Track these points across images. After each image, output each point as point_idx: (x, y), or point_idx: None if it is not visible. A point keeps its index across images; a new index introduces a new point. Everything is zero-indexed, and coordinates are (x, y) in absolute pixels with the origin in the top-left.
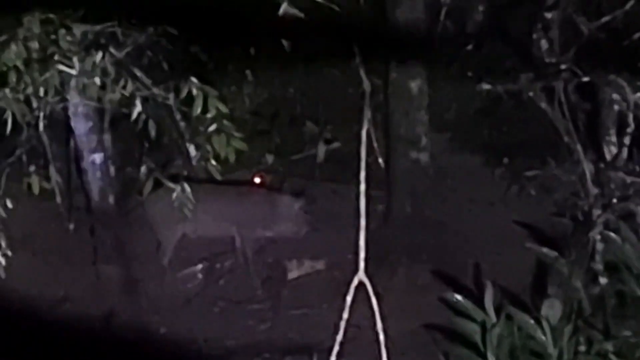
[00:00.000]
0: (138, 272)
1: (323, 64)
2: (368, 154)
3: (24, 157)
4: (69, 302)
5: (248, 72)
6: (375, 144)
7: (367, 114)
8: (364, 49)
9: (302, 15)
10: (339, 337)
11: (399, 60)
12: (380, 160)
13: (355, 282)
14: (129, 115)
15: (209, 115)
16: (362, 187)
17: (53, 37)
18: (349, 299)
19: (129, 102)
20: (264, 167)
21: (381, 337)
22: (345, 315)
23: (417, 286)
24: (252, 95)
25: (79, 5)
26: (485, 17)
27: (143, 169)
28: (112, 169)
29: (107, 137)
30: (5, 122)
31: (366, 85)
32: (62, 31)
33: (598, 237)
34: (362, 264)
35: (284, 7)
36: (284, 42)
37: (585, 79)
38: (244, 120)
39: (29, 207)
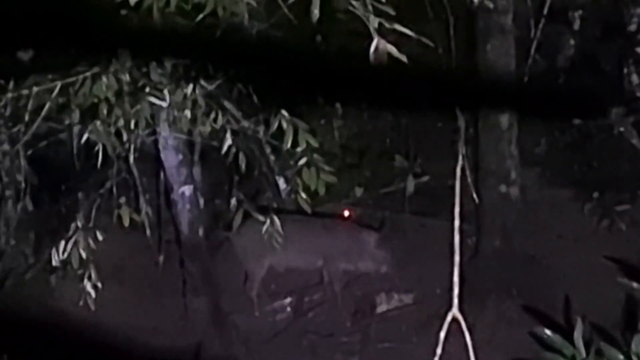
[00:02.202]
0: (227, 304)
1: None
2: (461, 189)
3: (115, 190)
4: (158, 334)
5: (338, 105)
6: (469, 180)
7: (462, 149)
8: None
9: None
10: None
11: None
12: (474, 195)
13: (449, 318)
14: (219, 148)
15: (299, 149)
16: (457, 222)
17: (144, 69)
18: (442, 334)
19: (219, 135)
20: (353, 201)
21: None
22: (439, 350)
23: (507, 320)
24: (342, 129)
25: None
26: (576, 51)
27: (233, 201)
28: (201, 202)
29: (196, 170)
30: (96, 154)
31: (461, 121)
32: (153, 64)
33: None
34: (455, 300)
35: (376, 43)
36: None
37: None
38: (334, 154)
39: (119, 239)
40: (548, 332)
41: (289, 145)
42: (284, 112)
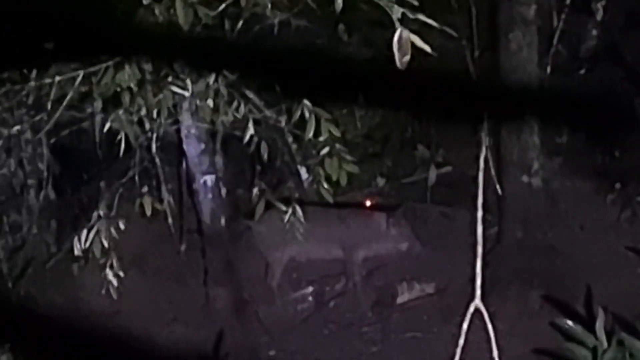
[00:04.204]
0: (248, 294)
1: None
2: (485, 180)
3: (137, 179)
4: (179, 323)
5: (360, 95)
6: (492, 171)
7: (485, 140)
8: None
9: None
10: None
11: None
12: (497, 187)
13: (471, 309)
14: (241, 137)
15: (321, 139)
16: (479, 213)
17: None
18: (465, 325)
19: (241, 124)
20: (375, 190)
21: None
22: (461, 341)
23: (528, 311)
24: (364, 118)
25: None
26: (598, 41)
27: (255, 190)
28: (223, 191)
29: (218, 159)
30: (119, 143)
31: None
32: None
33: None
34: (478, 291)
35: (399, 33)
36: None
37: None
38: (356, 144)
39: (141, 228)
40: (569, 322)
41: (311, 134)
42: (306, 102)
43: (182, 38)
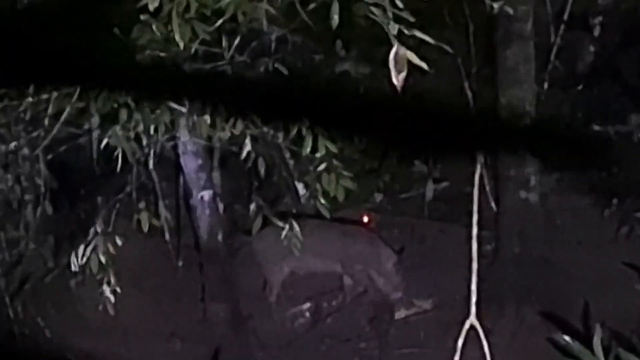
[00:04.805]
0: (245, 309)
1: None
2: (480, 197)
3: (134, 194)
4: (176, 338)
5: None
6: (487, 187)
7: (480, 158)
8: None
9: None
10: None
11: (508, 103)
12: (492, 203)
13: (466, 326)
14: (238, 153)
15: (318, 155)
16: (474, 230)
17: None
18: (460, 342)
19: (238, 140)
20: (373, 206)
21: None
22: (457, 358)
23: (525, 326)
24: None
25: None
26: (595, 57)
27: (252, 206)
28: (220, 207)
29: (216, 175)
30: (116, 159)
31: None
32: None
33: None
34: (473, 308)
35: (395, 49)
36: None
37: None
38: (353, 160)
39: (138, 244)
40: (567, 338)
41: (308, 150)
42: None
43: (177, 64)
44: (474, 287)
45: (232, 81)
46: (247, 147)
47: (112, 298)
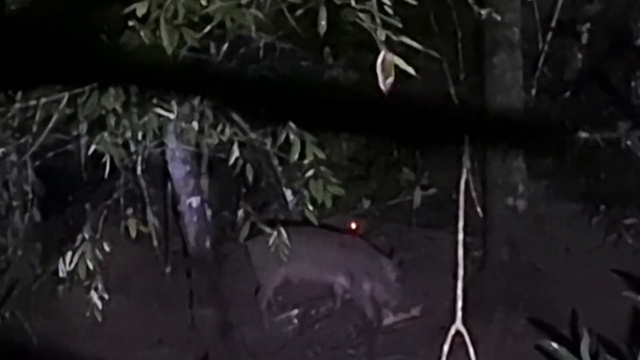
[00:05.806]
0: (234, 316)
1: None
2: (466, 203)
3: (122, 201)
4: (164, 345)
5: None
6: (473, 194)
7: (467, 163)
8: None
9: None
10: None
11: (496, 110)
12: (478, 209)
13: (452, 331)
14: (226, 159)
15: (306, 161)
16: (460, 236)
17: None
18: (445, 348)
19: (226, 146)
20: (360, 213)
21: None
22: None
23: (513, 333)
24: (349, 141)
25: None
26: (583, 64)
27: (240, 213)
28: (208, 213)
29: (204, 182)
30: (104, 165)
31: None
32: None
33: None
34: (459, 314)
35: (383, 55)
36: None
37: None
38: (341, 166)
39: (126, 251)
40: (554, 345)
41: (296, 157)
42: (291, 124)
43: (167, 63)
44: (459, 292)
45: (220, 88)
46: (235, 153)
47: (99, 304)
